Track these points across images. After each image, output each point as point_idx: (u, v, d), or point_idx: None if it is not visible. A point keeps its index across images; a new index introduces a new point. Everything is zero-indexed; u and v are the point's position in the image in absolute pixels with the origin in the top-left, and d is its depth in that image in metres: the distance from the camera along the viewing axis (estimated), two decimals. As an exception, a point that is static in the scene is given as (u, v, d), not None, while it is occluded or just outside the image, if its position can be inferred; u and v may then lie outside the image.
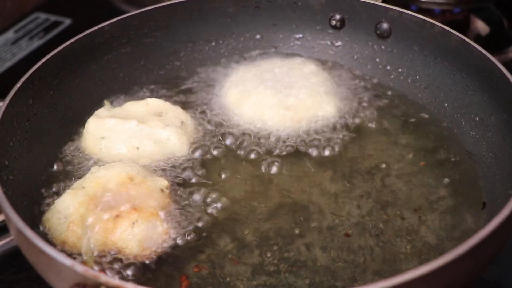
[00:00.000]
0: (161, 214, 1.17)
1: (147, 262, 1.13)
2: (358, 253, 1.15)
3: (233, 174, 1.31)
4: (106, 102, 1.45)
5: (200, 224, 1.20)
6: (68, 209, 1.15)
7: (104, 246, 1.12)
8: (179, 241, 1.16)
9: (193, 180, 1.29)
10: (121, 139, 1.31)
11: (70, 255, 1.12)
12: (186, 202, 1.23)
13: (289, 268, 1.12)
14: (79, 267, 0.91)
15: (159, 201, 1.18)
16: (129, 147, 1.31)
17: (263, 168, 1.32)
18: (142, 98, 1.47)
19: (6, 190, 1.08)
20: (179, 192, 1.25)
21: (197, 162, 1.32)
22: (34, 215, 1.21)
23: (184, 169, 1.30)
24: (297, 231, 1.19)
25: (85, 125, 1.35)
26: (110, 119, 1.33)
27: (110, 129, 1.32)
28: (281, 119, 1.39)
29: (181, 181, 1.28)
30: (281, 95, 1.41)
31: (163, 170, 1.30)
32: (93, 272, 0.90)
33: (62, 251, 1.12)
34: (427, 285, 0.92)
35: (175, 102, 1.45)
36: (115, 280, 0.89)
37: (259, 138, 1.38)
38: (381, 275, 1.11)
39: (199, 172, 1.30)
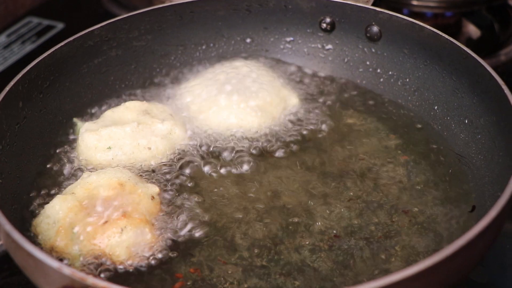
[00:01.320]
0: (151, 220, 1.17)
1: (137, 268, 1.12)
2: (347, 255, 1.15)
3: (221, 179, 1.31)
4: (76, 120, 1.41)
5: (189, 229, 1.19)
6: (57, 214, 1.15)
7: (92, 252, 1.12)
8: (168, 247, 1.16)
9: (181, 184, 1.29)
10: (129, 143, 1.31)
11: (61, 260, 1.12)
12: (175, 207, 1.23)
13: (279, 271, 1.12)
14: (67, 270, 0.91)
15: (149, 208, 1.18)
16: (140, 149, 1.31)
17: (250, 170, 1.32)
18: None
19: (-5, 193, 1.08)
20: (167, 196, 1.25)
21: (185, 166, 1.33)
22: (23, 219, 1.21)
23: (169, 174, 1.30)
24: (285, 233, 1.19)
25: (80, 141, 1.33)
26: (107, 128, 1.32)
27: (111, 137, 1.31)
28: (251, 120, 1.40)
29: (170, 187, 1.28)
30: (242, 98, 1.42)
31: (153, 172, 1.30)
32: (80, 274, 0.90)
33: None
34: (415, 286, 0.92)
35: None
36: (102, 282, 0.89)
37: (236, 140, 1.38)
38: (370, 276, 1.11)
39: (188, 177, 1.30)
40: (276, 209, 1.24)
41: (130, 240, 1.12)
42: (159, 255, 1.14)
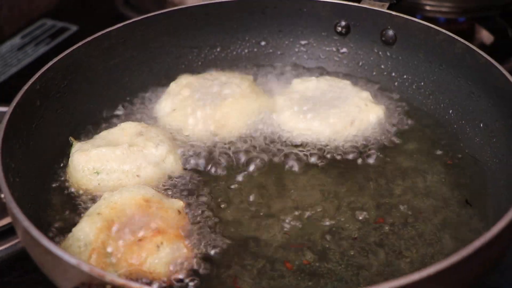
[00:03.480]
0: (184, 235, 1.15)
1: (176, 283, 1.10)
2: (362, 257, 1.15)
3: (237, 186, 1.31)
4: (72, 139, 1.36)
5: (219, 241, 1.18)
6: (87, 236, 1.10)
7: (129, 272, 1.08)
8: (205, 260, 1.14)
9: (201, 198, 1.28)
10: (117, 168, 1.26)
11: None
12: (200, 220, 1.22)
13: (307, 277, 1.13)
14: (85, 266, 0.91)
15: (178, 222, 1.16)
16: (129, 176, 1.26)
17: (262, 178, 1.32)
18: (148, 103, 1.49)
19: (13, 191, 1.08)
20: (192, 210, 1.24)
21: (195, 178, 1.32)
22: (40, 218, 1.22)
23: (186, 187, 1.29)
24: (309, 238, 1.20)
25: (70, 161, 1.30)
26: (98, 148, 1.28)
27: (100, 159, 1.26)
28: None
29: (189, 200, 1.27)
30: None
31: (166, 190, 1.28)
32: (99, 271, 0.90)
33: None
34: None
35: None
36: (120, 280, 0.89)
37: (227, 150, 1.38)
38: (385, 277, 1.11)
39: (203, 190, 1.29)
40: (291, 213, 1.25)
41: (168, 256, 1.09)
42: (197, 269, 1.13)
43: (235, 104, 1.40)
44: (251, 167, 1.34)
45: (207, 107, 1.40)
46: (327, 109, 1.41)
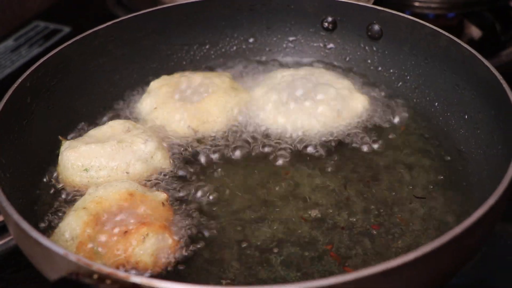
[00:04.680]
0: (168, 225, 1.17)
1: (164, 273, 1.12)
2: (352, 247, 1.17)
3: (220, 180, 1.33)
4: (61, 137, 1.37)
5: (205, 232, 1.20)
6: (74, 230, 1.13)
7: (116, 263, 1.10)
8: (190, 250, 1.17)
9: (186, 191, 1.29)
10: (106, 165, 1.28)
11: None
12: (184, 212, 1.24)
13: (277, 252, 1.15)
14: (72, 256, 0.93)
15: (163, 214, 1.18)
16: (118, 172, 1.28)
17: (246, 172, 1.34)
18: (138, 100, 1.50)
19: (3, 187, 1.10)
20: (175, 203, 1.26)
21: (180, 174, 1.34)
22: (29, 212, 1.23)
23: (173, 182, 1.31)
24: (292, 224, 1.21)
25: (60, 159, 1.31)
26: (87, 145, 1.29)
27: (89, 155, 1.28)
28: None
29: (175, 193, 1.29)
30: None
31: (153, 185, 1.30)
32: (86, 261, 0.92)
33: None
34: (414, 274, 0.94)
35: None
36: (108, 268, 0.91)
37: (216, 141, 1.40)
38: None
39: (189, 185, 1.31)
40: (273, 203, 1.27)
41: (153, 247, 1.12)
42: (183, 259, 1.15)
43: (215, 100, 1.42)
44: (234, 162, 1.36)
45: (187, 105, 1.42)
46: (310, 100, 1.42)
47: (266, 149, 1.38)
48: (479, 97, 1.33)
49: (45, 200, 1.28)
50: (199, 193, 1.28)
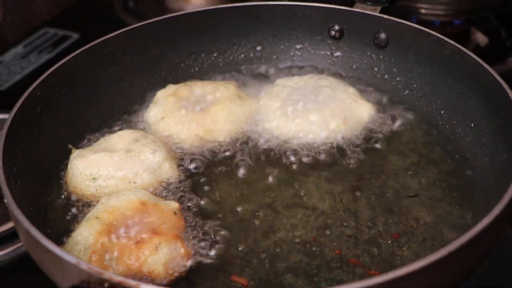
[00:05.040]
0: (180, 235, 1.18)
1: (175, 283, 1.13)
2: (360, 255, 1.18)
3: (230, 189, 1.33)
4: (71, 146, 1.38)
5: (215, 240, 1.21)
6: (87, 240, 1.14)
7: (129, 273, 1.11)
8: (203, 260, 1.18)
9: (195, 201, 1.30)
10: (114, 175, 1.28)
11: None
12: (197, 221, 1.25)
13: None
14: (84, 265, 0.94)
15: (174, 223, 1.19)
16: (125, 182, 1.29)
17: (253, 180, 1.35)
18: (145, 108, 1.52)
19: (14, 194, 1.11)
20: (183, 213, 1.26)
21: (188, 183, 1.34)
22: (40, 220, 1.25)
23: (181, 191, 1.32)
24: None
25: (69, 168, 1.32)
26: (95, 154, 1.30)
27: (98, 164, 1.29)
28: None
29: (183, 202, 1.29)
30: None
31: (161, 195, 1.30)
32: (97, 269, 0.93)
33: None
34: (420, 282, 0.95)
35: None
36: (118, 277, 0.92)
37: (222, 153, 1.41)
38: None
39: (197, 194, 1.32)
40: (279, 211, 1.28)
41: (166, 256, 1.12)
42: (196, 268, 1.16)
43: (221, 109, 1.43)
44: (241, 171, 1.37)
45: (193, 114, 1.43)
46: (315, 107, 1.43)
47: (272, 157, 1.39)
48: (484, 105, 1.33)
49: (54, 208, 1.29)
50: (207, 202, 1.29)
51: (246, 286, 1.13)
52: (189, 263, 1.16)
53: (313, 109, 1.43)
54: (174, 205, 1.23)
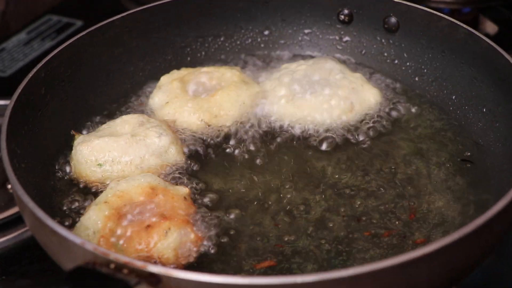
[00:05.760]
0: (190, 220, 1.16)
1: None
2: (368, 238, 1.16)
3: (232, 172, 1.32)
4: (74, 132, 1.35)
5: (224, 226, 1.19)
6: (96, 224, 1.12)
7: (138, 258, 1.09)
8: (213, 245, 1.16)
9: (203, 186, 1.29)
10: (119, 160, 1.26)
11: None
12: (206, 206, 1.23)
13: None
14: (89, 245, 0.92)
15: (185, 209, 1.17)
16: (132, 167, 1.27)
17: (257, 161, 1.34)
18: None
19: (18, 177, 1.09)
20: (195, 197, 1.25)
21: (195, 167, 1.33)
22: (44, 203, 1.22)
23: (187, 175, 1.30)
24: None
25: (73, 154, 1.30)
26: (100, 138, 1.28)
27: (103, 149, 1.26)
28: None
29: (193, 187, 1.27)
30: None
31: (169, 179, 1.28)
32: (103, 250, 0.91)
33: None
34: (434, 265, 0.93)
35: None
36: (125, 257, 0.90)
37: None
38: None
39: (204, 179, 1.30)
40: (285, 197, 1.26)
41: (176, 241, 1.11)
42: (205, 253, 1.14)
43: (226, 94, 1.41)
44: (247, 155, 1.35)
45: (198, 99, 1.41)
46: (321, 92, 1.41)
47: (278, 142, 1.37)
48: (497, 90, 1.31)
49: (59, 192, 1.28)
50: (215, 187, 1.27)
51: (275, 265, 1.11)
52: (199, 248, 1.14)
53: (319, 94, 1.41)
54: (184, 190, 1.20)
